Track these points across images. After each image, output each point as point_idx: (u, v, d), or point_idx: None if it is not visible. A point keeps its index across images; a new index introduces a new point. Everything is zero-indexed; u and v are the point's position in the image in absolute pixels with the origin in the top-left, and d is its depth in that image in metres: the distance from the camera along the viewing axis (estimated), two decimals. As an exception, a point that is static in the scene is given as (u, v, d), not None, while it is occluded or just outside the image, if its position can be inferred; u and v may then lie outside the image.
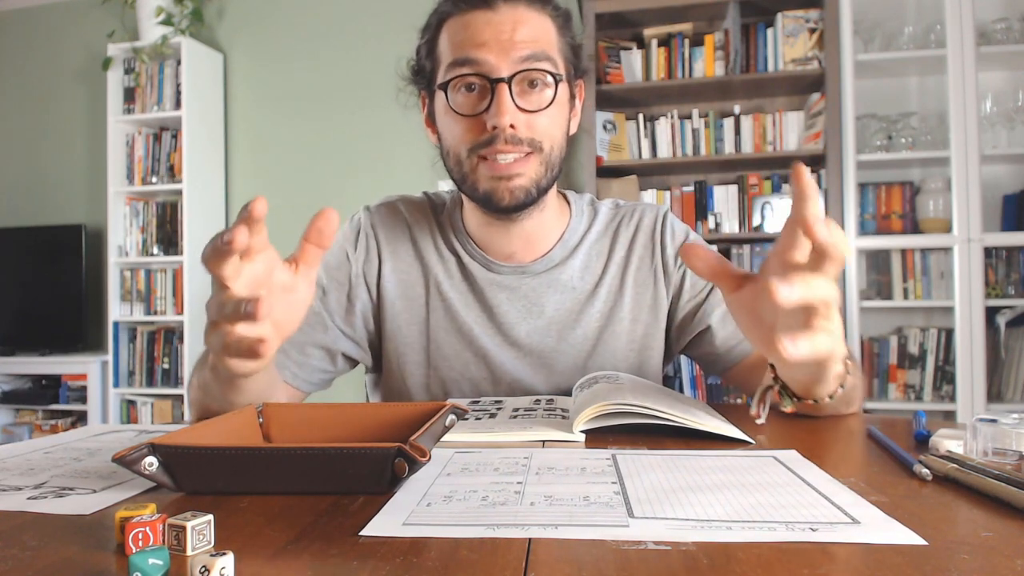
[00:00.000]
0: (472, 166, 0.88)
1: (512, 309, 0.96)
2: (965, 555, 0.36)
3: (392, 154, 3.27)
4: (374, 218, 1.00)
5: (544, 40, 0.87)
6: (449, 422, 0.58)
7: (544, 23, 0.88)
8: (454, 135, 0.88)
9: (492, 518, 0.42)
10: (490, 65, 0.83)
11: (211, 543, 0.37)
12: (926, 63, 2.65)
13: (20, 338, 3.43)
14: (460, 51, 0.85)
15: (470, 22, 0.85)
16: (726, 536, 0.38)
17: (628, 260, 1.00)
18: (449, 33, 0.88)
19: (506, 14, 0.85)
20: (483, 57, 0.84)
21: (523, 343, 0.96)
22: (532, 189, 0.88)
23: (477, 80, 0.85)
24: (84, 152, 3.62)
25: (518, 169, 0.86)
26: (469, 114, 0.86)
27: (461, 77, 0.85)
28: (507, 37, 0.84)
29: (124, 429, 0.76)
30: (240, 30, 3.48)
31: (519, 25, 0.84)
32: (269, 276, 0.57)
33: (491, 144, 0.85)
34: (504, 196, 0.87)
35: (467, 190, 0.91)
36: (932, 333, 2.63)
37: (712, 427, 0.64)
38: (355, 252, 0.98)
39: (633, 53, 2.87)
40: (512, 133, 0.84)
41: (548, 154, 0.88)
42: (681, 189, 2.89)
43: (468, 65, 0.84)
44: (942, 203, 2.61)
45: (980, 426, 0.55)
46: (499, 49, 0.83)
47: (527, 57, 0.84)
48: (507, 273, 0.97)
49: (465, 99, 0.86)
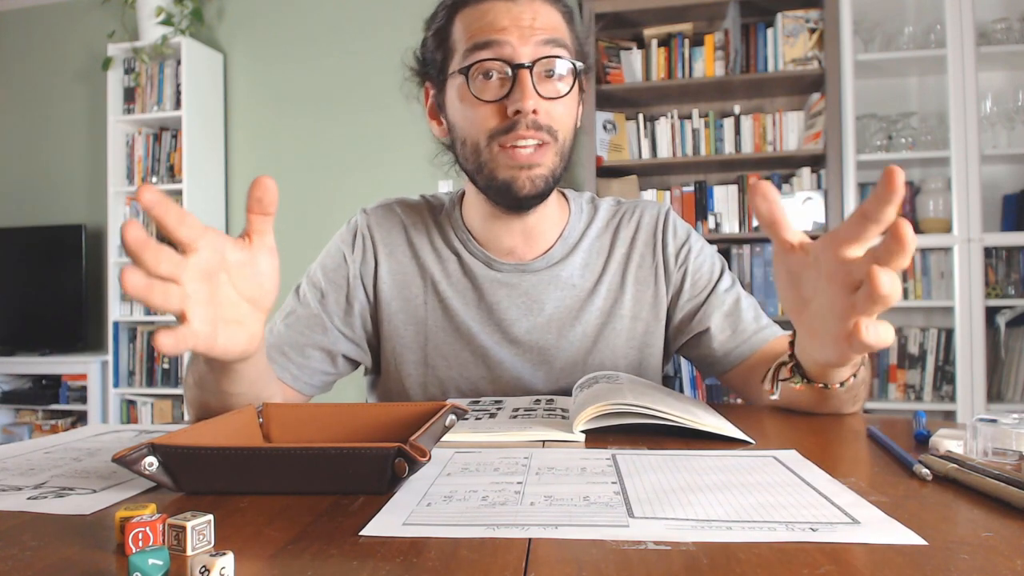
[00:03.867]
0: (491, 155, 0.87)
1: (512, 307, 0.96)
2: (965, 555, 0.36)
3: (392, 154, 3.27)
4: (370, 220, 1.01)
5: (561, 30, 0.88)
6: (449, 422, 0.58)
7: (557, 16, 0.89)
8: (472, 122, 0.87)
9: (492, 518, 0.42)
10: (512, 48, 0.83)
11: (211, 543, 0.37)
12: (926, 63, 2.65)
13: (20, 338, 3.43)
14: (480, 35, 0.85)
15: (488, 10, 0.85)
16: (726, 536, 0.38)
17: (629, 257, 1.00)
18: (465, 22, 0.87)
19: (524, 4, 0.85)
20: (505, 39, 0.83)
21: (523, 340, 0.96)
22: (550, 178, 0.89)
23: (497, 66, 0.84)
24: (84, 152, 3.62)
25: (538, 159, 0.86)
26: (490, 100, 0.85)
27: (481, 63, 0.84)
28: (527, 24, 0.84)
29: (124, 429, 0.76)
30: (240, 30, 3.49)
31: (537, 14, 0.85)
32: (221, 259, 0.56)
33: (512, 130, 0.85)
34: (525, 185, 0.87)
35: (483, 179, 0.90)
36: (932, 333, 2.63)
37: (712, 427, 0.64)
38: (352, 254, 0.98)
39: (633, 53, 2.88)
40: (534, 119, 0.84)
41: (562, 144, 0.88)
42: (681, 189, 2.89)
43: (490, 48, 0.84)
44: (942, 203, 2.61)
45: (980, 426, 0.55)
46: (520, 34, 0.84)
47: (548, 42, 0.85)
48: (507, 271, 0.97)
49: (484, 85, 0.85)
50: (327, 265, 0.98)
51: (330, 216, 3.28)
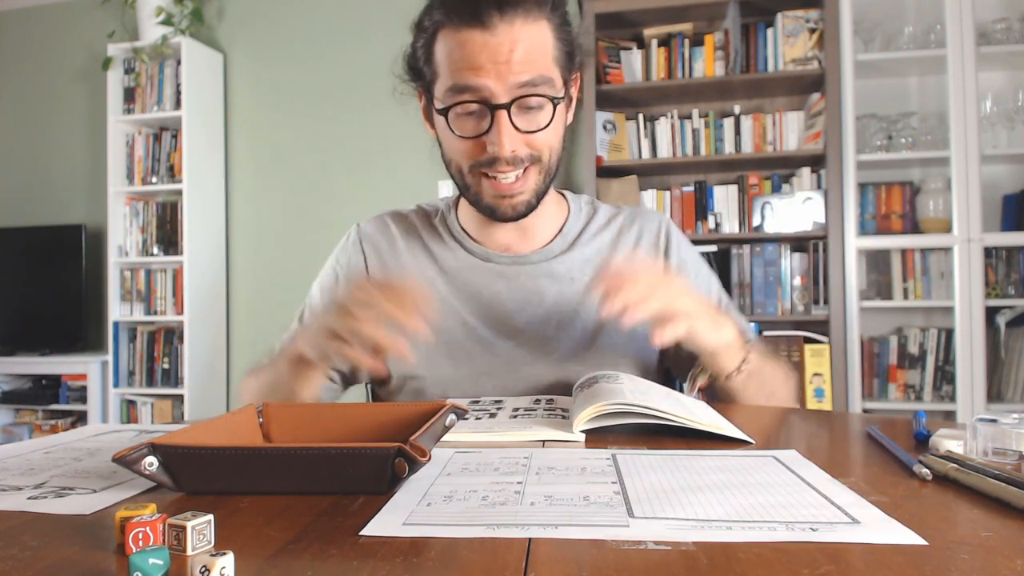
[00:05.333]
0: (474, 180, 0.91)
1: (511, 299, 0.98)
2: (965, 555, 0.36)
3: (392, 153, 3.26)
4: (362, 233, 1.05)
5: (541, 61, 0.85)
6: (449, 422, 0.58)
7: (541, 35, 0.85)
8: (455, 151, 0.90)
9: (492, 518, 0.42)
10: (489, 91, 0.83)
11: (211, 543, 0.37)
12: (926, 63, 2.65)
13: (20, 338, 3.43)
14: (458, 76, 0.84)
15: (465, 42, 0.83)
16: (726, 536, 0.38)
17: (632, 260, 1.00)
18: (445, 49, 0.86)
19: (503, 35, 0.82)
20: (481, 83, 0.83)
21: (523, 331, 0.97)
22: (533, 200, 0.92)
23: (475, 107, 0.85)
24: (84, 152, 3.62)
25: (519, 187, 0.89)
26: (470, 136, 0.87)
27: (461, 103, 0.85)
28: (504, 60, 0.82)
29: (124, 429, 0.76)
30: (240, 30, 3.48)
31: (516, 45, 0.83)
32: None
33: (492, 164, 0.87)
34: (507, 211, 0.91)
35: (469, 198, 0.94)
36: (932, 333, 2.63)
37: (712, 426, 0.64)
38: (345, 270, 1.03)
39: (633, 53, 2.87)
40: (512, 156, 0.86)
41: (547, 163, 0.91)
42: (681, 189, 2.88)
43: (467, 92, 0.84)
44: (942, 203, 2.61)
45: (980, 426, 0.55)
46: (496, 74, 0.82)
47: (525, 83, 0.84)
48: (506, 263, 0.99)
49: (465, 123, 0.87)
50: (324, 284, 1.04)
51: (330, 215, 3.29)
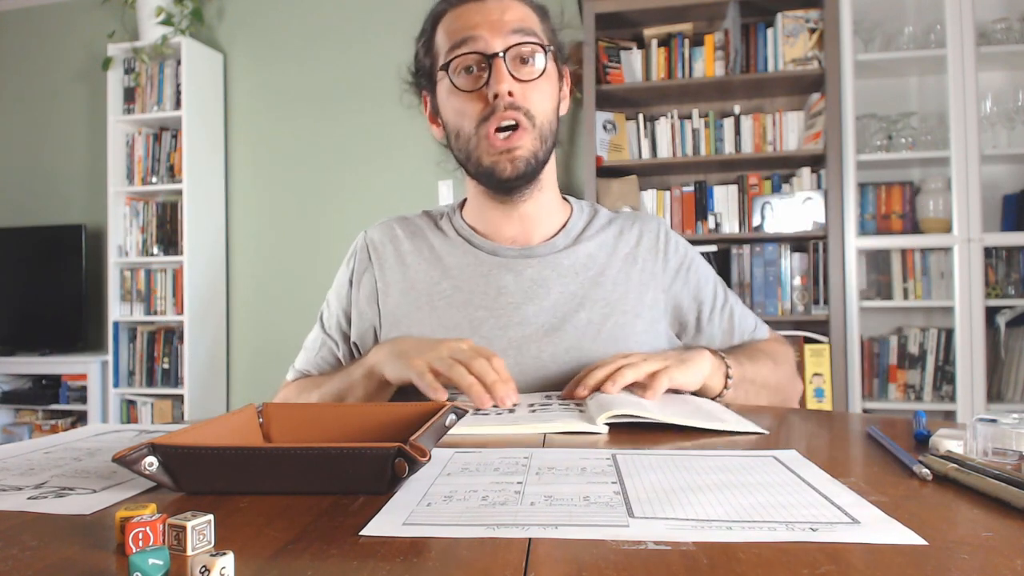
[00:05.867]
0: (477, 142, 0.96)
1: (518, 290, 1.00)
2: (965, 555, 0.36)
3: (392, 154, 3.26)
4: (368, 239, 1.09)
5: (529, 20, 0.98)
6: (449, 422, 0.58)
7: (527, 11, 0.99)
8: (460, 113, 0.96)
9: (492, 518, 0.42)
10: (485, 41, 0.93)
11: (211, 543, 0.37)
12: (926, 63, 2.65)
13: (20, 338, 3.43)
14: (457, 35, 0.95)
15: (462, 13, 0.96)
16: (726, 536, 0.38)
17: (633, 259, 1.04)
18: (444, 27, 0.98)
19: (493, 3, 0.96)
20: (478, 34, 0.93)
21: (530, 320, 0.99)
22: (531, 160, 0.96)
23: (474, 59, 0.94)
24: (84, 152, 3.62)
25: (515, 142, 0.94)
26: (471, 89, 0.94)
27: (461, 57, 0.94)
28: (497, 18, 0.94)
29: (124, 429, 0.76)
30: (240, 30, 3.48)
31: (507, 10, 0.96)
32: None
33: (494, 113, 0.93)
34: (506, 168, 0.96)
35: (473, 167, 0.99)
36: (932, 333, 2.63)
37: (733, 425, 0.68)
38: (354, 275, 1.06)
39: (633, 53, 2.87)
40: (511, 100, 0.93)
41: (541, 128, 0.96)
42: (681, 189, 2.88)
43: (466, 44, 0.94)
44: (942, 203, 2.61)
45: (980, 426, 0.55)
46: (491, 28, 0.94)
47: (517, 30, 0.94)
48: (512, 256, 1.03)
49: (466, 78, 0.95)
50: (340, 293, 1.08)
51: (330, 215, 3.29)
